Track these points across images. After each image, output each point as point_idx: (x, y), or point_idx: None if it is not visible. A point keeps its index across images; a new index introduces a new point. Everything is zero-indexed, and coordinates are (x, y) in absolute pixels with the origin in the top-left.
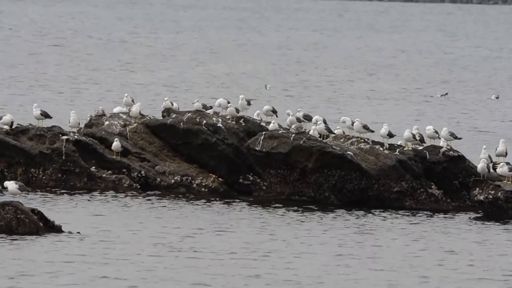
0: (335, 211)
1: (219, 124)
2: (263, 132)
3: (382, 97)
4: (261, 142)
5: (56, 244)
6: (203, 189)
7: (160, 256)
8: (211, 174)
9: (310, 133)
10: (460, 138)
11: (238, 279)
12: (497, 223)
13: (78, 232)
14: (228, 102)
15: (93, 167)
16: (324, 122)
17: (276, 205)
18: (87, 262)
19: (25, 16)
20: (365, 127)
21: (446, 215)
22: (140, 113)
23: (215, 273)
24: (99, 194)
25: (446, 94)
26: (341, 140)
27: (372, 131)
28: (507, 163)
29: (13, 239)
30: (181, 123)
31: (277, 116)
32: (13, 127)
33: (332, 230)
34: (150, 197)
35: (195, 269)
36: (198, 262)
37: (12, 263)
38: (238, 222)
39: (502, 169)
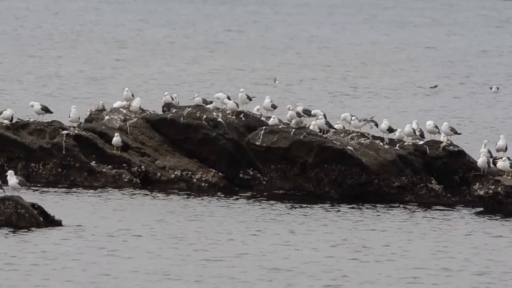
0: (335, 206)
1: (220, 119)
2: (263, 127)
3: (377, 91)
4: (261, 137)
5: (56, 238)
6: (203, 184)
7: (161, 250)
8: (211, 169)
9: (310, 128)
10: (460, 134)
11: (239, 273)
12: (497, 218)
13: (78, 226)
14: (229, 98)
15: (93, 162)
16: (324, 117)
17: (276, 200)
18: (87, 256)
19: (28, 11)
20: (364, 120)
21: (446, 210)
22: (140, 108)
23: (216, 266)
24: (99, 189)
25: (436, 86)
26: (341, 135)
27: (372, 121)
28: (508, 158)
29: (13, 234)
30: (181, 118)
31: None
32: (14, 121)
33: (332, 225)
34: (150, 192)
35: (196, 263)
36: (199, 255)
37: (12, 257)
38: (238, 217)
39: (503, 164)
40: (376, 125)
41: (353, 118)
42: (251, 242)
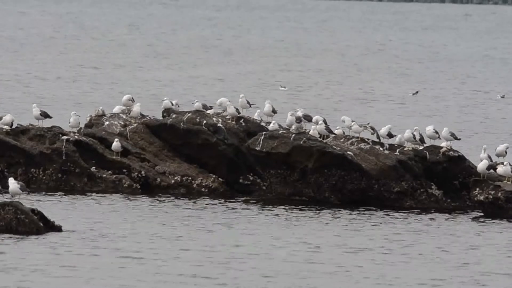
0: (335, 211)
1: (219, 124)
2: (263, 132)
3: (372, 97)
4: (261, 142)
5: (56, 244)
6: (203, 189)
7: (160, 255)
8: (211, 174)
9: (310, 133)
10: (459, 139)
11: (238, 279)
12: (497, 223)
13: (78, 232)
14: (229, 102)
15: (93, 167)
16: (325, 122)
17: (276, 205)
18: (87, 262)
19: (26, 15)
20: (362, 125)
21: (446, 215)
22: (140, 113)
23: (215, 273)
24: (99, 194)
25: (417, 92)
26: (341, 140)
27: (366, 127)
28: (509, 163)
29: (13, 239)
30: (181, 123)
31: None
32: (13, 127)
33: (332, 230)
34: (150, 198)
35: (196, 267)
36: (199, 262)
37: (12, 263)
38: (238, 222)
39: (504, 169)
40: (378, 136)
41: (353, 123)
42: (251, 247)
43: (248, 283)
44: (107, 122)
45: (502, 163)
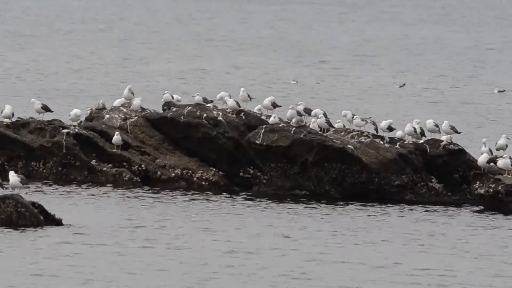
0: (336, 205)
1: (220, 118)
2: (264, 126)
3: (367, 90)
4: (261, 135)
5: (56, 237)
6: (203, 183)
7: (160, 248)
8: (211, 168)
9: (310, 126)
10: (460, 132)
11: (239, 271)
12: (498, 217)
13: (79, 225)
14: (230, 96)
15: (94, 161)
16: (325, 115)
17: (277, 198)
18: (87, 255)
19: (27, 8)
20: (364, 119)
21: (446, 209)
22: (141, 107)
23: (215, 266)
24: (99, 188)
25: (404, 85)
26: (342, 133)
27: (368, 121)
28: (509, 157)
29: (13, 232)
30: (182, 117)
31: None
32: (14, 120)
33: (332, 224)
34: (150, 191)
35: (196, 261)
36: (199, 255)
37: (12, 256)
38: (238, 215)
39: (504, 162)
40: (376, 130)
41: (355, 117)
42: (251, 241)
43: (249, 275)
44: (108, 116)
45: (502, 157)
